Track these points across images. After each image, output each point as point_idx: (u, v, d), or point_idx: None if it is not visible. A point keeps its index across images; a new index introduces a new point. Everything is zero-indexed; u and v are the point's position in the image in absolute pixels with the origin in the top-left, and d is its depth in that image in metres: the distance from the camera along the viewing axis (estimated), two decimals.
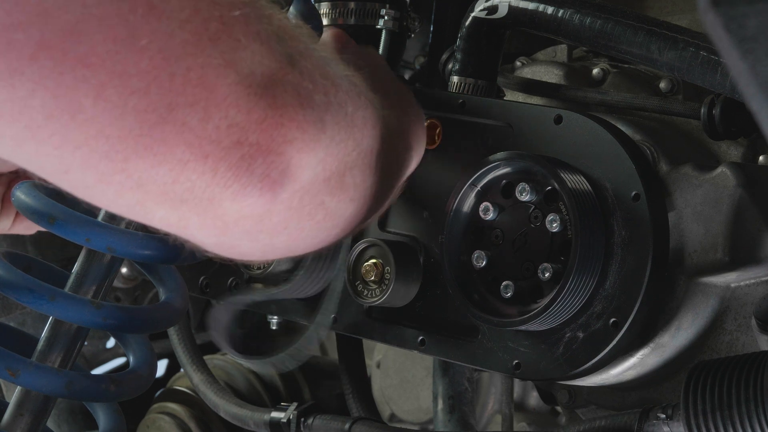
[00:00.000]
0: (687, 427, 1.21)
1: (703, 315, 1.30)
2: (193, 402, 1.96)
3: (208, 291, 1.51)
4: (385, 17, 1.42)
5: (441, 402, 1.59)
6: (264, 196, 0.81)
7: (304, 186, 0.83)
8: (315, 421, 1.54)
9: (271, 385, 2.00)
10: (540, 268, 1.25)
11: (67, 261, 1.34)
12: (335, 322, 1.42)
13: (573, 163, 1.25)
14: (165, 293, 1.28)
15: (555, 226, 1.24)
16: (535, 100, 1.45)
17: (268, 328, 1.53)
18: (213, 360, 2.02)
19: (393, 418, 1.89)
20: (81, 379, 1.21)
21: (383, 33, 1.42)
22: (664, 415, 1.26)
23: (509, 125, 1.31)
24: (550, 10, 1.32)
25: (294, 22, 0.87)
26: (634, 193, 1.22)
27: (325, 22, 1.41)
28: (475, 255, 1.29)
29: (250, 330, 1.89)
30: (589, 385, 1.37)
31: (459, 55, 1.39)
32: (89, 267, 1.23)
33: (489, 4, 1.37)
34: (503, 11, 1.36)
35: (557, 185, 1.23)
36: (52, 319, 1.23)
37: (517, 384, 1.70)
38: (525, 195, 1.27)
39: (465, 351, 1.32)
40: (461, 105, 1.35)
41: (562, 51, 1.55)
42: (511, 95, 1.48)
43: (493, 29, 1.38)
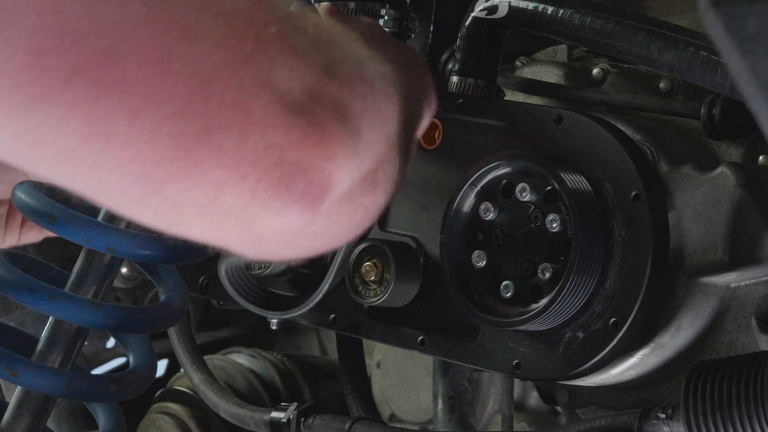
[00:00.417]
0: (687, 427, 1.21)
1: (703, 315, 1.30)
2: (193, 402, 1.96)
3: (208, 291, 1.51)
4: (385, 17, 1.41)
5: (441, 402, 1.59)
6: (305, 212, 0.80)
7: (343, 193, 0.82)
8: (315, 421, 1.54)
9: (271, 385, 2.00)
10: (540, 268, 1.25)
11: (67, 261, 1.34)
12: (335, 321, 1.42)
13: (573, 163, 1.25)
14: (165, 293, 1.28)
15: (555, 226, 1.24)
16: (535, 100, 1.45)
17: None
18: (213, 360, 2.02)
19: (393, 418, 1.89)
20: (81, 379, 1.21)
21: None
22: (664, 415, 1.26)
23: (509, 125, 1.31)
24: (550, 10, 1.32)
25: (326, 21, 0.85)
26: (634, 193, 1.22)
27: None
28: (475, 255, 1.29)
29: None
30: (589, 385, 1.37)
31: (459, 55, 1.39)
32: (89, 267, 1.23)
33: (489, 4, 1.36)
34: (503, 11, 1.36)
35: (557, 185, 1.23)
36: (52, 319, 1.24)
37: (517, 384, 1.70)
38: (525, 195, 1.26)
39: (465, 351, 1.32)
40: (461, 105, 1.35)
41: (562, 51, 1.55)
42: (511, 95, 1.47)
43: (493, 29, 1.38)
